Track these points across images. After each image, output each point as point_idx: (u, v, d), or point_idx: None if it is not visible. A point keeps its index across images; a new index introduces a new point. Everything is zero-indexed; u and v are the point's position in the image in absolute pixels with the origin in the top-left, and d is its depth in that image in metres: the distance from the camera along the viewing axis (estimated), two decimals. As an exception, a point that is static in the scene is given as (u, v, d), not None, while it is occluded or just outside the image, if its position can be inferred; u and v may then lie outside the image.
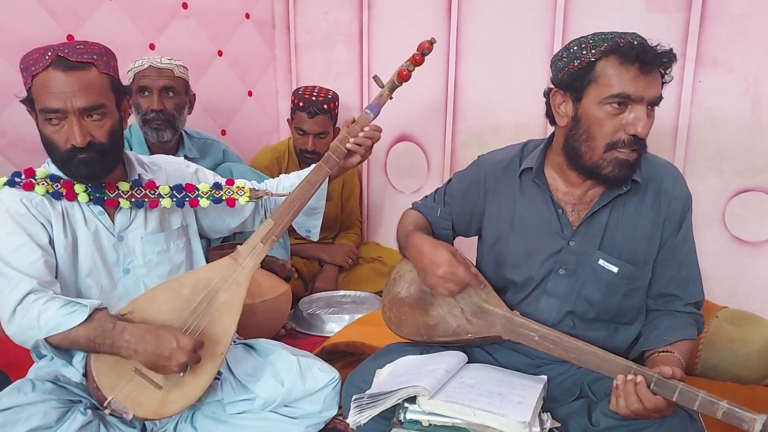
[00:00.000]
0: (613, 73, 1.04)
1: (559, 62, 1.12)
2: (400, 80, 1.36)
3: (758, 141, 1.76)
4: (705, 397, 0.89)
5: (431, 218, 1.37)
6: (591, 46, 1.07)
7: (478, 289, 1.20)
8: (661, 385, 0.94)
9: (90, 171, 1.17)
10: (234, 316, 1.23)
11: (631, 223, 1.16)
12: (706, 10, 1.77)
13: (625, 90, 1.03)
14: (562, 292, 1.18)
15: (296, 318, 2.09)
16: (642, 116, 1.04)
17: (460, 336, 1.19)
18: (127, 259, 1.28)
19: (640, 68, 1.02)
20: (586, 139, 1.09)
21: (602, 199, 1.15)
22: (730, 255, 1.85)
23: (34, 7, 1.84)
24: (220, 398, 1.29)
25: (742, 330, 1.58)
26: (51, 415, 1.10)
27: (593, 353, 1.04)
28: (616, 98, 1.04)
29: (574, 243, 1.17)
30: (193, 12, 2.30)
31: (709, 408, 0.89)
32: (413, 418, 1.01)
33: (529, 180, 1.22)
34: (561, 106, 1.14)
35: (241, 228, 1.49)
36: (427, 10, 2.28)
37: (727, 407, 0.86)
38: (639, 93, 1.03)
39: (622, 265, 1.15)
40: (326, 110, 2.22)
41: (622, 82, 1.03)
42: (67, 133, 1.13)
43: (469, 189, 1.32)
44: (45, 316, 1.08)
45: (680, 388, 0.92)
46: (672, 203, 1.16)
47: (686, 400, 0.91)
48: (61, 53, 1.11)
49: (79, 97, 1.11)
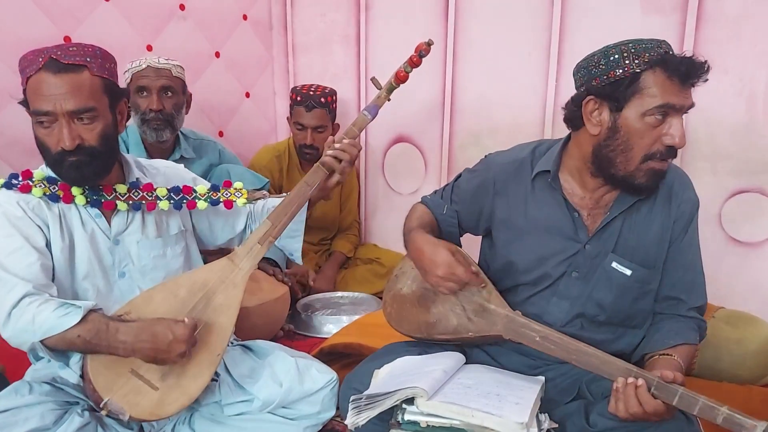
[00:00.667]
0: (661, 85, 1.02)
1: (595, 69, 1.08)
2: (398, 82, 1.36)
3: (753, 142, 1.77)
4: (705, 403, 0.89)
5: (438, 215, 1.35)
6: (634, 55, 1.04)
7: (480, 288, 1.19)
8: (662, 389, 0.94)
9: (80, 174, 1.16)
10: (231, 317, 1.23)
11: (643, 226, 1.16)
12: (701, 11, 1.78)
13: (670, 101, 1.02)
14: (573, 295, 1.18)
15: (294, 319, 2.09)
16: (680, 127, 1.04)
17: (460, 334, 1.19)
18: (122, 263, 1.28)
19: (683, 81, 1.02)
20: (623, 150, 1.07)
21: (620, 205, 1.15)
22: (726, 255, 1.86)
23: (31, 8, 1.83)
24: (218, 400, 1.29)
25: (739, 330, 1.58)
26: (48, 417, 1.10)
27: (594, 355, 1.04)
28: (660, 109, 1.03)
29: (590, 246, 1.17)
30: (190, 13, 2.30)
31: (709, 413, 0.89)
32: (411, 419, 1.01)
33: (543, 183, 1.20)
34: (594, 114, 1.10)
35: (228, 245, 1.47)
36: (424, 11, 2.28)
37: (727, 413, 0.86)
38: (681, 103, 1.03)
39: (636, 268, 1.15)
40: (324, 104, 2.23)
41: (668, 93, 1.02)
42: (57, 135, 1.12)
43: (478, 190, 1.30)
44: (40, 318, 1.08)
45: (681, 393, 0.92)
46: (681, 206, 1.16)
47: (686, 404, 0.91)
48: (54, 55, 1.11)
49: (68, 99, 1.10)
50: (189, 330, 1.12)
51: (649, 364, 1.09)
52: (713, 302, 1.76)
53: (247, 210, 1.46)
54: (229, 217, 1.44)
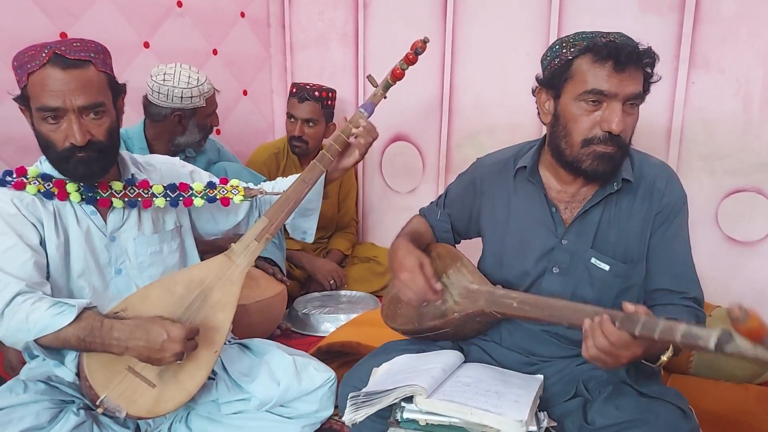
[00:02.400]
0: (587, 70, 1.06)
1: (544, 61, 1.16)
2: (394, 79, 1.36)
3: (749, 141, 1.78)
4: (665, 323, 0.88)
5: (432, 222, 1.40)
6: (570, 44, 1.09)
7: (465, 273, 1.23)
8: (624, 321, 0.93)
9: (89, 170, 1.16)
10: (228, 314, 1.22)
11: (623, 222, 1.17)
12: (698, 11, 1.79)
13: (599, 86, 1.05)
14: (556, 292, 1.18)
15: (291, 318, 2.08)
16: (616, 113, 1.05)
17: (447, 317, 1.20)
18: (119, 260, 1.27)
19: (614, 66, 1.04)
20: (564, 135, 1.11)
21: (594, 198, 1.16)
22: (723, 254, 1.87)
23: (27, 4, 1.82)
24: (215, 398, 1.28)
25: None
26: (43, 415, 1.09)
27: (565, 306, 1.05)
28: (590, 94, 1.06)
29: (566, 241, 1.18)
30: (187, 10, 2.29)
31: (669, 334, 0.87)
32: (410, 417, 1.01)
33: (524, 179, 1.23)
34: (545, 104, 1.17)
35: (235, 230, 1.47)
36: (423, 10, 2.28)
37: (684, 327, 0.86)
38: (613, 90, 1.05)
39: (614, 264, 1.16)
40: (317, 98, 2.22)
41: (597, 78, 1.05)
42: (66, 131, 1.12)
43: (465, 191, 1.35)
44: (33, 317, 1.07)
45: (642, 320, 0.91)
46: (664, 199, 1.16)
47: (648, 330, 0.89)
48: (59, 51, 1.10)
49: (78, 95, 1.10)
50: (185, 331, 1.10)
51: None
52: (710, 301, 1.77)
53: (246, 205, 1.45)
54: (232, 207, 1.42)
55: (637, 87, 1.07)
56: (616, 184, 1.14)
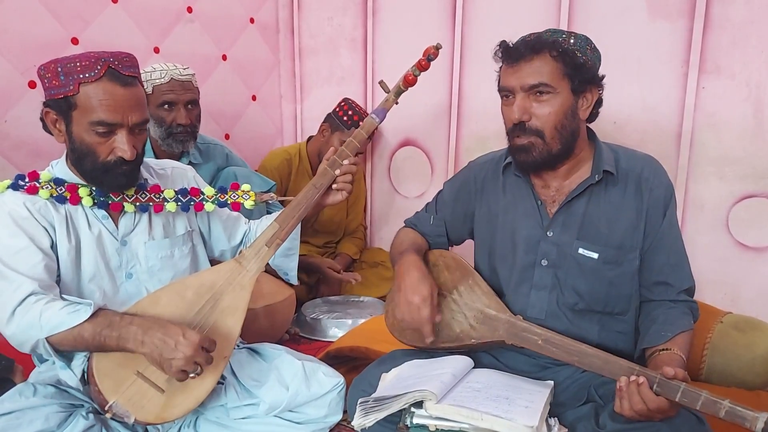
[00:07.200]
0: (502, 75, 1.19)
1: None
2: (406, 85, 1.36)
3: (760, 147, 1.77)
4: (708, 397, 0.89)
5: (425, 229, 1.41)
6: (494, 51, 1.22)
7: (479, 293, 1.22)
8: (664, 386, 0.93)
9: (128, 181, 1.22)
10: (238, 319, 1.22)
11: (614, 213, 1.18)
12: (708, 17, 1.78)
13: (506, 84, 1.17)
14: (548, 284, 1.20)
15: (300, 322, 2.08)
16: (518, 105, 1.15)
17: (463, 341, 1.20)
18: (129, 264, 1.28)
19: (507, 63, 1.16)
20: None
21: (576, 190, 1.19)
22: (734, 260, 1.85)
23: (39, 9, 1.84)
24: (223, 403, 1.28)
25: (747, 335, 1.57)
26: (53, 419, 1.09)
27: (596, 355, 1.05)
28: (502, 91, 1.19)
29: (552, 234, 1.20)
30: (197, 16, 2.31)
31: (711, 407, 0.88)
32: (420, 422, 1.00)
33: (511, 174, 1.27)
34: None
35: (220, 257, 1.46)
36: (432, 16, 2.29)
37: (729, 406, 0.86)
38: (510, 84, 1.15)
39: (602, 251, 1.16)
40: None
41: (503, 77, 1.18)
42: (113, 145, 1.16)
43: (460, 191, 1.37)
44: (47, 315, 1.07)
45: (683, 389, 0.91)
46: (654, 191, 1.18)
47: (689, 400, 0.91)
48: (113, 65, 1.13)
49: (134, 112, 1.15)
50: (200, 337, 1.09)
51: (651, 362, 1.09)
52: (721, 307, 1.75)
53: (245, 228, 1.46)
54: (227, 229, 1.44)
55: (536, 78, 1.12)
56: (597, 175, 1.17)
